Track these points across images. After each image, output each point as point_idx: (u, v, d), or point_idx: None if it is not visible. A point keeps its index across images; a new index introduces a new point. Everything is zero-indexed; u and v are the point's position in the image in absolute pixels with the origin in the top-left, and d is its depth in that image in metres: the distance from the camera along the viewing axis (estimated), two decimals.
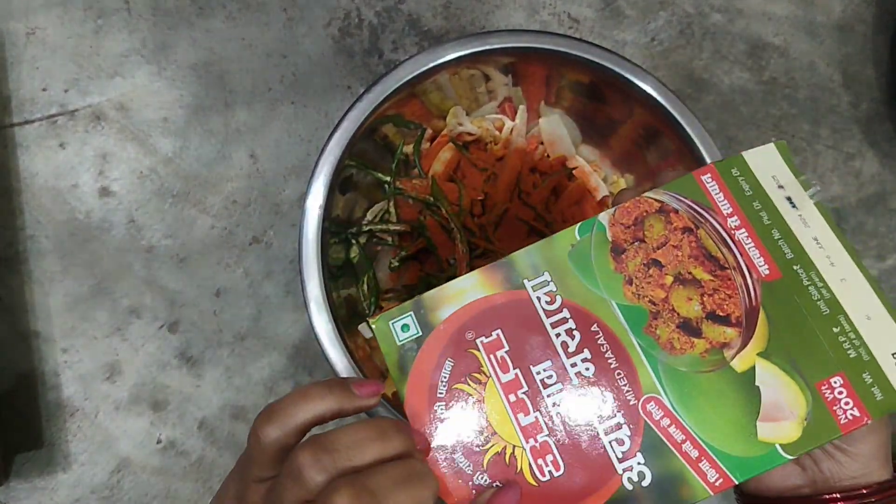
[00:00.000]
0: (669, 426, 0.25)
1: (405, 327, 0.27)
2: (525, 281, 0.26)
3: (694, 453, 0.25)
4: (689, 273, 0.26)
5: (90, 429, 0.57)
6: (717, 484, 0.25)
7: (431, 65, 0.49)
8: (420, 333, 0.27)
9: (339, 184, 0.50)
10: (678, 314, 0.26)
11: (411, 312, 0.27)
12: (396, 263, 0.55)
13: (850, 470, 0.29)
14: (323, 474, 0.25)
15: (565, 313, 0.26)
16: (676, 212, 0.26)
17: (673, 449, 0.25)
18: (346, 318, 0.50)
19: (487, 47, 0.50)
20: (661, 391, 0.26)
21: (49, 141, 0.61)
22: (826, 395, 0.26)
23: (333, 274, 0.50)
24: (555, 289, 0.26)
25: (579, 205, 0.57)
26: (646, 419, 0.25)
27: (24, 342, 0.58)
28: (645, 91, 0.49)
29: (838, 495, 0.29)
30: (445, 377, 0.27)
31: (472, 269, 0.28)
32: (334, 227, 0.51)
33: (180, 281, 0.59)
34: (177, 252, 0.60)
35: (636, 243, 0.26)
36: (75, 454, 0.57)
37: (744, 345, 0.25)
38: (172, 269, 0.59)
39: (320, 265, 0.47)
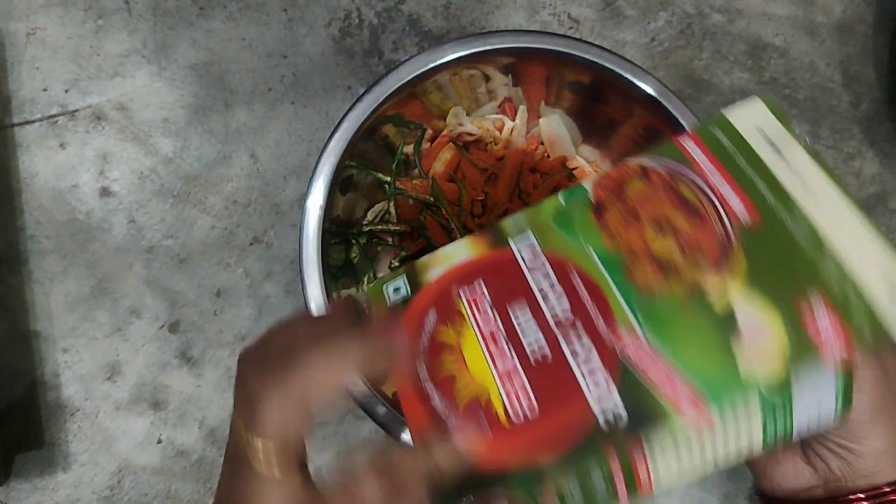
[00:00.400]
0: (648, 368, 0.25)
1: (397, 290, 0.28)
2: (509, 238, 0.27)
3: (674, 394, 0.25)
4: (668, 222, 0.25)
5: (90, 429, 0.57)
6: (696, 423, 0.25)
7: (432, 65, 0.49)
8: (409, 294, 0.28)
9: (340, 184, 0.50)
10: (657, 260, 0.25)
11: (404, 275, 0.28)
12: (397, 264, 0.55)
13: (860, 468, 0.29)
14: None
15: (545, 264, 0.26)
16: (657, 171, 0.26)
17: (651, 390, 0.25)
18: None
19: (488, 48, 0.50)
20: (640, 334, 0.25)
21: (49, 141, 0.61)
22: (810, 331, 0.25)
23: (334, 274, 0.50)
24: (536, 243, 0.26)
25: None
26: (624, 362, 0.25)
27: (25, 342, 0.58)
28: (645, 91, 0.49)
29: (862, 495, 0.29)
30: (429, 327, 0.27)
31: None
32: (335, 228, 0.51)
33: (181, 281, 0.59)
34: (177, 252, 0.60)
35: (617, 201, 0.26)
36: (76, 454, 0.57)
37: (722, 287, 0.25)
38: (173, 270, 0.59)
39: (321, 266, 0.47)
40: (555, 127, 0.58)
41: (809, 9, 0.65)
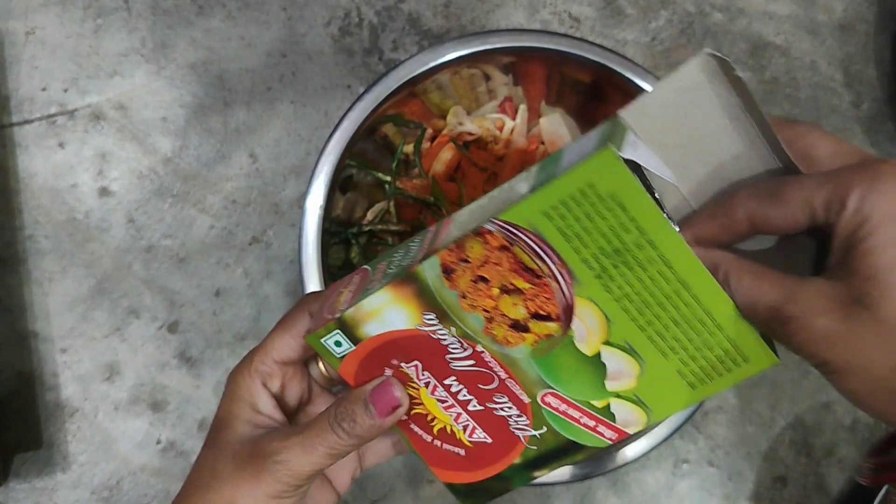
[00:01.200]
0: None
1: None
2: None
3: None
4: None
5: (89, 429, 0.57)
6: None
7: (432, 64, 0.49)
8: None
9: (340, 184, 0.49)
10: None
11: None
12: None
13: None
14: None
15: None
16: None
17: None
18: None
19: (488, 47, 0.50)
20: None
21: (48, 141, 0.60)
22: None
23: (334, 274, 0.50)
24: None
25: None
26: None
27: (23, 342, 0.58)
28: (646, 90, 0.48)
29: None
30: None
31: None
32: (334, 228, 0.51)
33: (180, 281, 0.59)
34: (176, 252, 0.59)
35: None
36: (74, 455, 0.57)
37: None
38: (172, 270, 0.59)
39: (321, 266, 0.47)
40: (555, 126, 0.57)
41: (811, 8, 0.65)
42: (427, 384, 0.32)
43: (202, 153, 0.61)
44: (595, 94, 0.53)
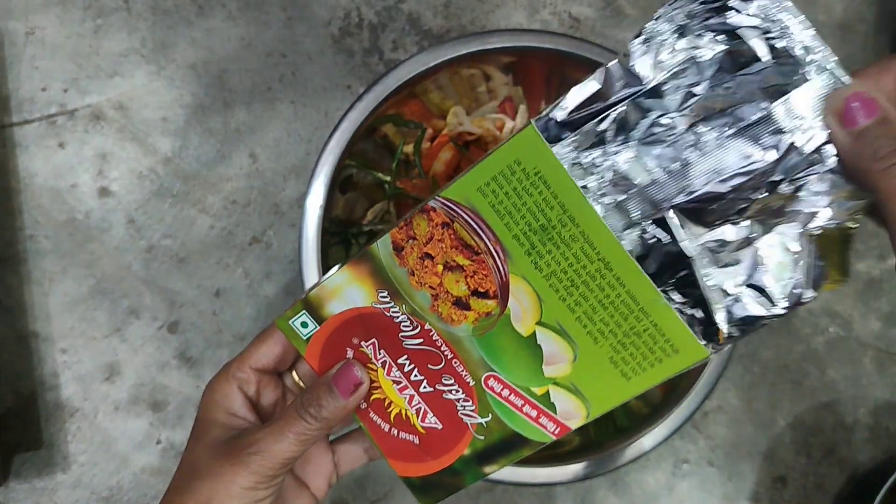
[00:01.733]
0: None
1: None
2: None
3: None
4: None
5: (89, 429, 0.57)
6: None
7: (432, 64, 0.49)
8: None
9: (340, 183, 0.49)
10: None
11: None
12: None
13: None
14: None
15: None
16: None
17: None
18: None
19: (488, 47, 0.50)
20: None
21: (48, 141, 0.60)
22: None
23: None
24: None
25: None
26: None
27: (23, 343, 0.58)
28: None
29: None
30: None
31: None
32: (334, 227, 0.51)
33: (180, 281, 0.59)
34: (176, 252, 0.59)
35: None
36: (74, 455, 0.57)
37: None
38: (172, 270, 0.59)
39: (320, 266, 0.47)
40: None
41: (810, 8, 0.65)
42: (384, 363, 0.33)
43: (202, 153, 0.61)
44: None
